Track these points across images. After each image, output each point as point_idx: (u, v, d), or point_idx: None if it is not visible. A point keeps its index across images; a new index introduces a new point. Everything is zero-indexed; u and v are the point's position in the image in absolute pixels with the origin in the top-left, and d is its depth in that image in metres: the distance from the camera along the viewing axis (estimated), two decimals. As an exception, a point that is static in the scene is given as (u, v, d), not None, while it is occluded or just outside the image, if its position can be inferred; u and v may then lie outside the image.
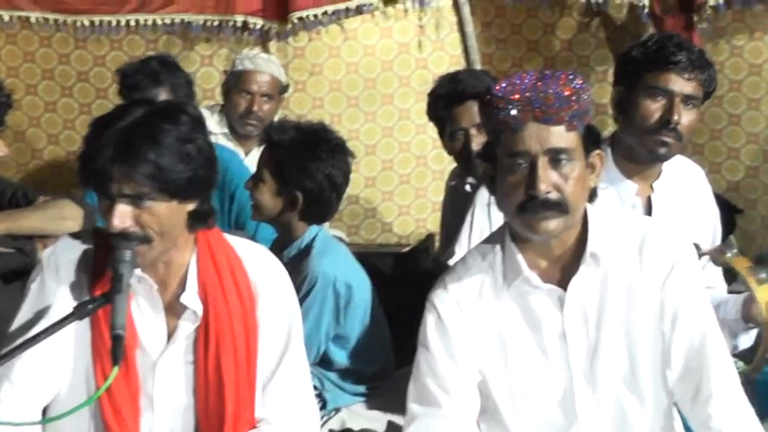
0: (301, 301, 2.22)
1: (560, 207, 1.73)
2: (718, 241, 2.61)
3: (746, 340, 2.46)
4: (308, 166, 2.56)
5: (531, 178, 1.71)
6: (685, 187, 2.64)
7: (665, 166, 2.48)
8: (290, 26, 4.14)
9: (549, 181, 1.71)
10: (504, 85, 1.76)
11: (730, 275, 2.54)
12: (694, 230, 2.47)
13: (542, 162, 1.71)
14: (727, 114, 4.11)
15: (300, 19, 4.11)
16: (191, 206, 1.74)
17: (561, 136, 1.72)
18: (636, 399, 1.85)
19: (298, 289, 2.16)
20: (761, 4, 3.89)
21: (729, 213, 3.74)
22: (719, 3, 3.88)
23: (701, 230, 2.57)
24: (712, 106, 3.93)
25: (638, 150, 2.43)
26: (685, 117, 2.34)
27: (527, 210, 1.73)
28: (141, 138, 1.63)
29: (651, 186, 2.47)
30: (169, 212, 1.69)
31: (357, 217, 4.40)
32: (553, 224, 1.74)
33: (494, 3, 4.36)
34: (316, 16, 4.13)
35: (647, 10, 3.93)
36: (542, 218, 1.73)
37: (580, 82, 1.75)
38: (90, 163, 1.66)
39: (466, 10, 4.29)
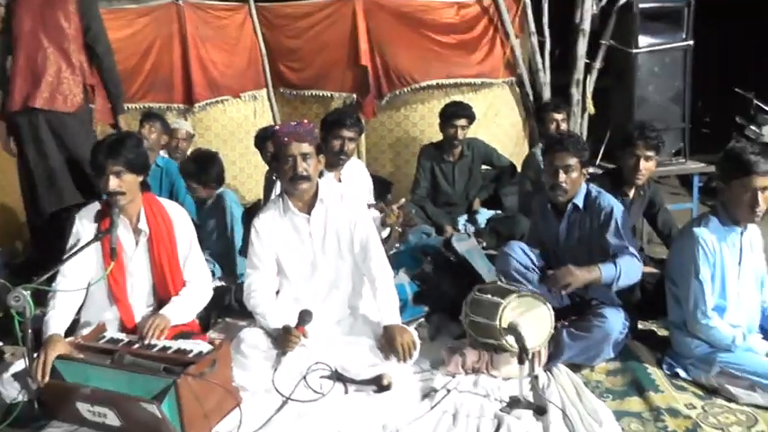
0: None
1: (308, 179, 3.48)
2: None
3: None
4: None
5: (295, 166, 3.43)
6: (348, 184, 4.58)
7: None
8: None
9: (303, 167, 3.43)
10: (283, 128, 3.53)
11: None
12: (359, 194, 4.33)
13: (299, 159, 3.43)
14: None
15: None
16: (141, 178, 3.43)
17: (306, 147, 3.45)
18: (344, 261, 3.63)
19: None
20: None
21: (385, 187, 5.85)
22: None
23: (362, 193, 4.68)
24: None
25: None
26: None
27: (294, 180, 3.45)
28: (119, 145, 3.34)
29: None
30: (133, 180, 3.37)
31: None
32: (305, 185, 3.49)
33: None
34: None
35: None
36: (299, 184, 3.46)
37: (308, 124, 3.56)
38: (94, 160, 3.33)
39: None
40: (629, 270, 3.52)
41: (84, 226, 3.42)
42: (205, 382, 2.93)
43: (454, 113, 5.66)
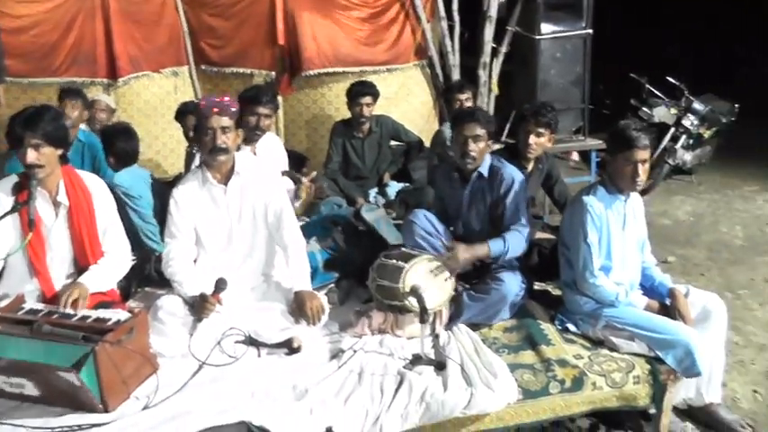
0: None
1: (226, 152, 3.47)
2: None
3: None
4: None
5: (214, 138, 3.42)
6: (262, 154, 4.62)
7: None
8: None
9: (222, 140, 3.45)
10: (205, 102, 3.50)
11: None
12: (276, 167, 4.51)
13: (219, 132, 3.42)
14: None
15: None
16: (60, 151, 3.27)
17: (226, 120, 3.44)
18: (259, 231, 3.62)
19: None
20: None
21: (300, 162, 5.97)
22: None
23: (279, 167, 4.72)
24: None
25: None
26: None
27: (213, 152, 3.45)
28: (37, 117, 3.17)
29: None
30: (52, 153, 3.22)
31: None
32: (223, 158, 3.46)
33: None
34: None
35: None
36: (217, 155, 3.44)
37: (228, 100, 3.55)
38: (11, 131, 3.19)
39: None
40: (515, 245, 3.65)
41: (0, 199, 3.30)
42: (123, 348, 2.90)
43: (359, 92, 5.68)
